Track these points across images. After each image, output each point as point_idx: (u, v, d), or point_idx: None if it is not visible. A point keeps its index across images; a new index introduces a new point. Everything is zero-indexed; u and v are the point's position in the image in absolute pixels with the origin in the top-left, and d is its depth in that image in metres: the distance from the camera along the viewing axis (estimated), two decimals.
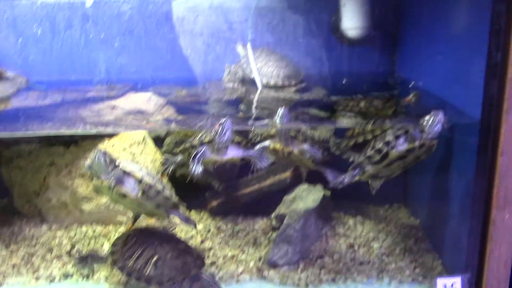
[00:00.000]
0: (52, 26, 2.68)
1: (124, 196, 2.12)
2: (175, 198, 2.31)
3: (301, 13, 2.83)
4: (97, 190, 2.22)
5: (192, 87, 2.83)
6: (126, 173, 2.12)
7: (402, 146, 2.15)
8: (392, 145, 2.16)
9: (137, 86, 2.69)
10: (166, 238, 2.45)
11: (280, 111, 2.11)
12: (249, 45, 2.78)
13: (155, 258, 2.29)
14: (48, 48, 2.73)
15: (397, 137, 2.15)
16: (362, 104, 2.46)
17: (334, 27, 2.81)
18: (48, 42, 2.71)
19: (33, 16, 2.63)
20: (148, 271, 2.26)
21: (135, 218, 2.49)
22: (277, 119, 2.12)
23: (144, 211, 2.32)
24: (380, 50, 2.97)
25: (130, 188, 2.12)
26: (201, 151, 2.16)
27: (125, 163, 2.14)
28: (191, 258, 2.38)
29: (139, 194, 2.13)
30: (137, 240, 2.35)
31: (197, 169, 2.14)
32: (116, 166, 2.09)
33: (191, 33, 2.81)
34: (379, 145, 2.19)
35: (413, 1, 2.78)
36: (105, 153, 2.05)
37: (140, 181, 2.13)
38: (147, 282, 2.23)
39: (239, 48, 2.81)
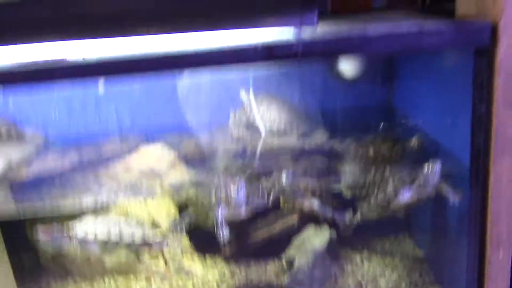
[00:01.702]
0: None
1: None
2: (146, 228, 2.28)
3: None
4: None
5: (200, 135, 2.95)
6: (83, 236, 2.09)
7: (400, 199, 2.30)
8: (391, 199, 2.31)
9: (148, 137, 2.82)
10: None
11: (284, 174, 2.24)
12: (251, 92, 2.89)
13: None
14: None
15: (395, 191, 2.30)
16: (371, 151, 2.58)
17: (331, 68, 2.95)
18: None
19: None
20: None
21: None
22: (283, 180, 2.25)
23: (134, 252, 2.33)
24: (377, 87, 3.09)
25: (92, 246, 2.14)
26: (221, 215, 2.31)
27: (79, 227, 2.10)
28: None
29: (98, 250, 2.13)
30: None
31: (225, 233, 2.29)
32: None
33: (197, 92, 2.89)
34: (380, 195, 2.35)
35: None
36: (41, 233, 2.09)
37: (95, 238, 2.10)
38: None
39: (242, 95, 2.95)
